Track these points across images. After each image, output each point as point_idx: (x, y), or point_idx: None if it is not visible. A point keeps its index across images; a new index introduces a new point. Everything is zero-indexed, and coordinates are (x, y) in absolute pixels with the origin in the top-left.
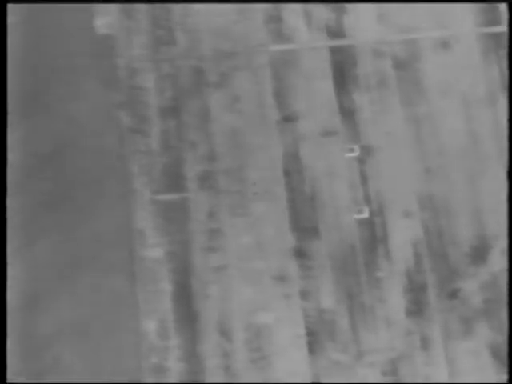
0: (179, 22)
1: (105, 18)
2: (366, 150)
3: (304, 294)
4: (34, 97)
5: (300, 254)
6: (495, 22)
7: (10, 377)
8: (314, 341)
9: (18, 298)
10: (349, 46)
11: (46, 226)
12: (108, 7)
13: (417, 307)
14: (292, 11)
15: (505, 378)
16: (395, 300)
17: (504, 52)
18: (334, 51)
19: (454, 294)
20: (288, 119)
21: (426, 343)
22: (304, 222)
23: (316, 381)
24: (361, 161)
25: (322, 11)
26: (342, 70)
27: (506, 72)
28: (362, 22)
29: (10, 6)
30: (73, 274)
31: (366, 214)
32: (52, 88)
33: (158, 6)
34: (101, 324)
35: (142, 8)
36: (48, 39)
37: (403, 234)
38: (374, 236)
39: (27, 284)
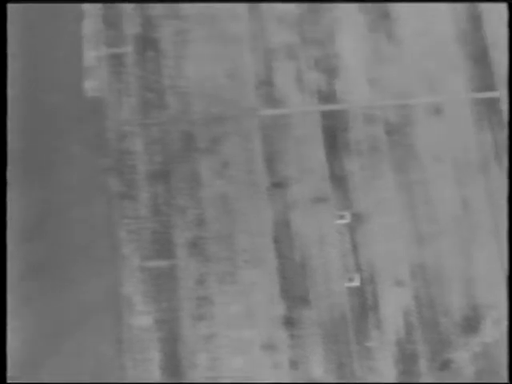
0: (170, 85)
1: (94, 81)
2: (357, 217)
3: (293, 364)
4: (18, 162)
5: (290, 322)
6: (488, 87)
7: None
8: None
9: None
10: (340, 110)
11: (32, 292)
12: (98, 70)
13: (408, 378)
14: (283, 75)
15: None
16: (386, 370)
17: (497, 118)
18: (326, 116)
19: (445, 365)
20: (278, 185)
21: None
22: (294, 290)
23: None
24: (352, 228)
25: (313, 75)
26: (334, 135)
27: (499, 138)
28: (353, 87)
29: None
30: (58, 340)
31: (357, 282)
32: (38, 152)
33: (148, 68)
34: None
35: (133, 71)
36: (35, 102)
37: (394, 303)
38: (364, 304)
39: (13, 350)
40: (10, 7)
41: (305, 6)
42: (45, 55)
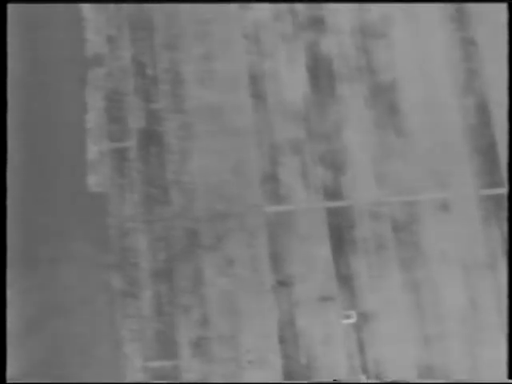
0: (173, 180)
1: (97, 176)
2: (364, 317)
3: None
4: (19, 260)
5: None
6: (496, 184)
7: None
8: None
9: None
10: (346, 207)
11: None
12: (101, 165)
13: None
14: (288, 170)
15: None
16: None
17: (504, 214)
18: (331, 213)
19: None
20: (283, 284)
21: None
22: None
23: None
24: (358, 328)
25: (319, 171)
26: (340, 232)
27: (507, 235)
28: (359, 183)
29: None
30: None
31: None
32: (39, 249)
33: (152, 163)
34: None
35: (136, 165)
36: (38, 198)
37: None
38: None
39: None
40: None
41: (311, 100)
42: (48, 149)
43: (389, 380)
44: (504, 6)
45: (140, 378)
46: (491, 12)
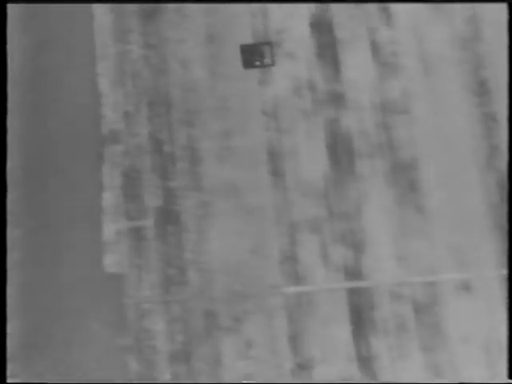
0: (191, 260)
1: (113, 255)
2: None
3: None
4: (33, 342)
5: None
6: None
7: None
8: None
9: None
10: (367, 287)
11: None
12: (118, 244)
13: None
14: (308, 250)
15: None
16: None
17: None
18: (352, 293)
19: None
20: (303, 367)
21: None
22: None
23: None
24: None
25: (339, 250)
26: (360, 313)
27: None
28: (380, 262)
29: None
30: None
31: None
32: (54, 329)
33: (170, 242)
34: None
35: (153, 245)
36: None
37: None
38: None
39: None
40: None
41: (330, 177)
42: (64, 228)
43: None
44: None
45: None
46: None
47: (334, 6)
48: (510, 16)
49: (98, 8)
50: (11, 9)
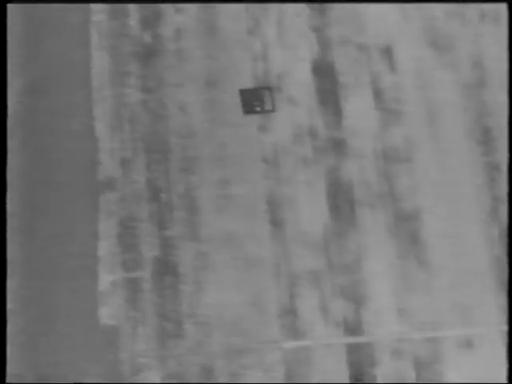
0: (188, 313)
1: (109, 308)
2: None
3: None
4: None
5: None
6: None
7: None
8: None
9: None
10: (367, 343)
11: None
12: (113, 296)
13: None
14: (307, 303)
15: None
16: None
17: None
18: (351, 349)
19: None
20: None
21: None
22: None
23: None
24: None
25: (338, 304)
26: (360, 369)
27: None
28: (381, 317)
29: None
30: None
31: None
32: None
33: (166, 295)
34: None
35: (149, 297)
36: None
37: None
38: None
39: None
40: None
41: (331, 228)
42: (58, 279)
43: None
44: None
45: None
46: None
47: (336, 50)
48: (510, 16)
49: (95, 50)
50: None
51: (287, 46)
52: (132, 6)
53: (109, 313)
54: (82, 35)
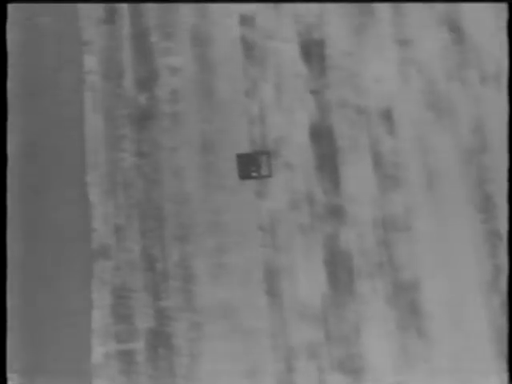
0: None
1: (102, 381)
2: None
3: None
4: None
5: None
6: None
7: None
8: None
9: None
10: None
11: None
12: (106, 368)
13: None
14: (305, 377)
15: None
16: None
17: None
18: None
19: None
20: None
21: None
22: None
23: None
24: None
25: (337, 378)
26: None
27: None
28: None
29: None
30: None
31: None
32: None
33: (160, 366)
34: None
35: (144, 369)
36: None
37: None
38: None
39: None
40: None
41: (329, 298)
42: (50, 353)
43: None
44: None
45: None
46: None
47: (334, 113)
48: (510, 16)
49: (89, 113)
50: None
51: (285, 109)
52: (126, 66)
53: None
54: (74, 96)
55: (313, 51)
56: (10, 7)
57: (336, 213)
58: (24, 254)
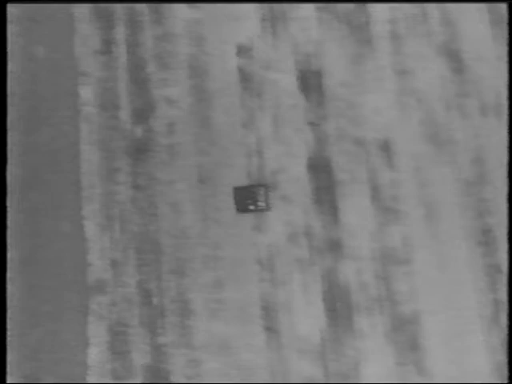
0: None
1: None
2: None
3: None
4: None
5: None
6: None
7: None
8: None
9: None
10: None
11: None
12: None
13: None
14: None
15: None
16: None
17: None
18: None
19: None
20: None
21: None
22: None
23: None
24: None
25: None
26: None
27: None
28: None
29: None
30: None
31: None
32: None
33: None
34: None
35: None
36: None
37: None
38: None
39: None
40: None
41: (327, 334)
42: None
43: None
44: None
45: None
46: None
47: (332, 145)
48: (510, 16)
49: (85, 145)
50: None
51: (282, 141)
52: (123, 98)
53: None
54: (71, 128)
55: (311, 82)
56: (10, 35)
57: (334, 246)
58: (21, 290)
